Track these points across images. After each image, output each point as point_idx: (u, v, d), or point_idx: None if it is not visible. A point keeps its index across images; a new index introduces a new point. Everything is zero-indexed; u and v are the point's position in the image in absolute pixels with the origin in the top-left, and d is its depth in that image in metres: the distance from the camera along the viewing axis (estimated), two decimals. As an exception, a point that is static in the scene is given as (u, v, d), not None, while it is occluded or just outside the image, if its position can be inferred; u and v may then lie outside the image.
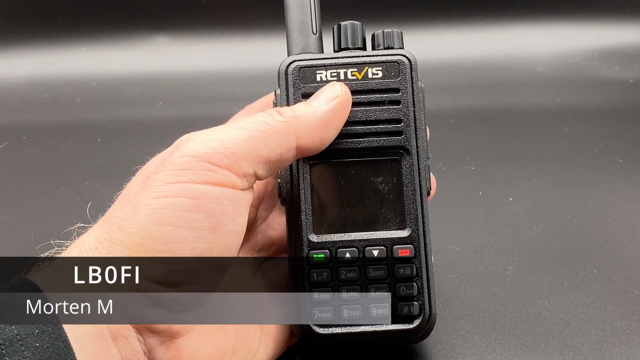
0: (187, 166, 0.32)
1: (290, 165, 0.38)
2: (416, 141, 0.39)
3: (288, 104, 0.38)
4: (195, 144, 0.33)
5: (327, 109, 0.36)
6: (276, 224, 0.42)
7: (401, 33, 0.40)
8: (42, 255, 0.36)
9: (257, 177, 0.35)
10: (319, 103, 0.37)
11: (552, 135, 0.69)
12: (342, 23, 0.40)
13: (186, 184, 0.32)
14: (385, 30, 0.40)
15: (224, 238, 0.33)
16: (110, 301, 0.31)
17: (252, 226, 0.41)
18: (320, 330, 0.38)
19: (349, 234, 0.38)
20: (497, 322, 0.44)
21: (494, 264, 0.50)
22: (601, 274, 0.49)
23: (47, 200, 0.61)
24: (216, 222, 0.33)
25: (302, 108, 0.36)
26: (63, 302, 0.30)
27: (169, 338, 0.33)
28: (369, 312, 0.38)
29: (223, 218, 0.33)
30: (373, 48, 0.40)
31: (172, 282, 0.32)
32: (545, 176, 0.62)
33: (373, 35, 0.40)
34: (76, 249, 0.33)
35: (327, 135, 0.36)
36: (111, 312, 0.31)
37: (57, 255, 0.34)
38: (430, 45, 0.82)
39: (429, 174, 0.40)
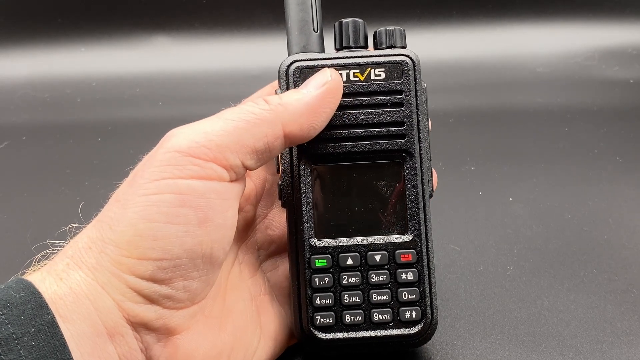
0: (171, 162, 0.32)
1: (292, 168, 0.38)
2: (419, 144, 0.38)
3: None
4: (179, 138, 0.33)
5: (315, 96, 0.36)
6: (276, 222, 0.41)
7: (404, 31, 0.39)
8: (38, 255, 0.36)
9: (247, 168, 0.34)
10: (308, 90, 0.36)
11: (552, 135, 0.69)
12: (344, 20, 0.40)
13: (171, 180, 0.32)
14: (387, 28, 0.39)
15: (214, 232, 0.33)
16: (105, 299, 0.31)
17: (251, 224, 0.41)
18: (322, 335, 0.38)
19: (350, 238, 0.38)
20: (497, 322, 0.44)
21: (494, 264, 0.50)
22: (601, 274, 0.48)
23: (47, 200, 0.61)
24: (204, 216, 0.32)
25: (290, 95, 0.36)
26: (59, 301, 0.30)
27: (166, 335, 0.33)
28: (371, 318, 0.38)
29: (211, 212, 0.33)
30: (375, 46, 0.40)
31: (163, 278, 0.32)
32: (545, 176, 0.62)
33: (375, 33, 0.40)
34: (71, 248, 0.33)
35: (315, 122, 0.36)
36: (106, 310, 0.31)
37: (53, 255, 0.34)
38: (430, 45, 0.82)
39: (432, 176, 0.39)
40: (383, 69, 0.38)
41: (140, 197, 0.32)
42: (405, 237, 0.38)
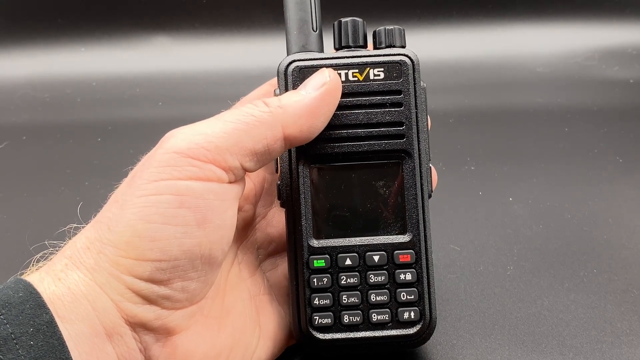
0: (170, 163, 0.32)
1: (290, 168, 0.38)
2: (418, 144, 0.38)
3: None
4: (177, 139, 0.33)
5: (314, 97, 0.35)
6: (275, 221, 0.41)
7: (403, 30, 0.39)
8: (37, 256, 0.36)
9: (246, 169, 0.34)
10: (306, 91, 0.36)
11: (552, 135, 0.69)
12: (343, 20, 0.39)
13: (170, 181, 0.32)
14: (387, 28, 0.39)
15: (212, 233, 0.33)
16: (103, 299, 0.31)
17: (250, 224, 0.41)
18: (320, 336, 0.38)
19: (349, 239, 0.38)
20: (497, 322, 0.44)
21: (494, 264, 0.50)
22: (601, 274, 0.48)
23: (47, 200, 0.61)
24: (203, 218, 0.32)
25: (289, 97, 0.36)
26: (57, 301, 0.30)
27: (165, 335, 0.33)
28: (370, 318, 0.38)
29: (210, 213, 0.33)
30: (374, 46, 0.39)
31: (162, 279, 0.32)
32: (545, 176, 0.62)
33: (374, 33, 0.40)
34: (69, 249, 0.33)
35: (315, 123, 0.36)
36: (104, 311, 0.31)
37: (52, 255, 0.34)
38: (430, 45, 0.82)
39: (431, 176, 0.39)
40: (382, 69, 0.38)
41: (139, 197, 0.32)
42: (404, 238, 0.38)
